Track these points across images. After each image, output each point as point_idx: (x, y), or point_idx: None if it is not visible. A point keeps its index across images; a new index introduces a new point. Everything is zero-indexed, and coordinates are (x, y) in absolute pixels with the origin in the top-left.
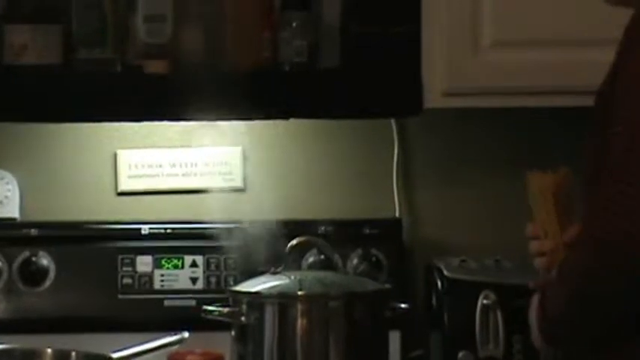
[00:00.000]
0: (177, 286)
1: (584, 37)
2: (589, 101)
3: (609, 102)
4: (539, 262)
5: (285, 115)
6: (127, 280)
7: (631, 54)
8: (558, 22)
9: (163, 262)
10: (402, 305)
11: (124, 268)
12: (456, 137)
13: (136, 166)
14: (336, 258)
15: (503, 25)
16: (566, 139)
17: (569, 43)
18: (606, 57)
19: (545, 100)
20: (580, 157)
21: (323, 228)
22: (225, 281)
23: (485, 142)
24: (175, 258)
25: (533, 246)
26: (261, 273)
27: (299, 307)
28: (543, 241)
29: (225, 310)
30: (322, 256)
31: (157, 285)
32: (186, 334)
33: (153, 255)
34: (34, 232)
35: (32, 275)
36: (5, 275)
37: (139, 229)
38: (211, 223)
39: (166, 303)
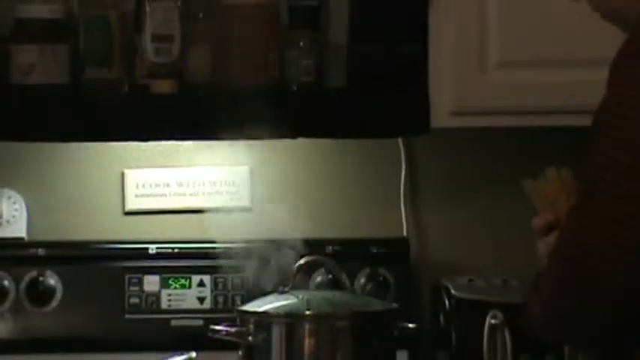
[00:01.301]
0: (184, 305)
1: (589, 57)
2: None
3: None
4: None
5: (292, 134)
6: (135, 300)
7: (613, 86)
8: (565, 42)
9: (170, 281)
10: (410, 325)
11: (131, 288)
12: (463, 157)
13: (143, 186)
14: (344, 277)
15: (510, 45)
16: (572, 157)
17: (575, 63)
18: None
19: (553, 120)
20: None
21: (330, 247)
22: (233, 301)
23: (494, 161)
24: (183, 277)
25: (537, 224)
26: (269, 293)
27: (306, 326)
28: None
29: (233, 329)
30: (330, 276)
31: (164, 305)
32: (193, 354)
33: (160, 274)
34: (41, 251)
35: (39, 295)
36: (12, 295)
37: (147, 248)
38: (218, 242)
39: (174, 322)
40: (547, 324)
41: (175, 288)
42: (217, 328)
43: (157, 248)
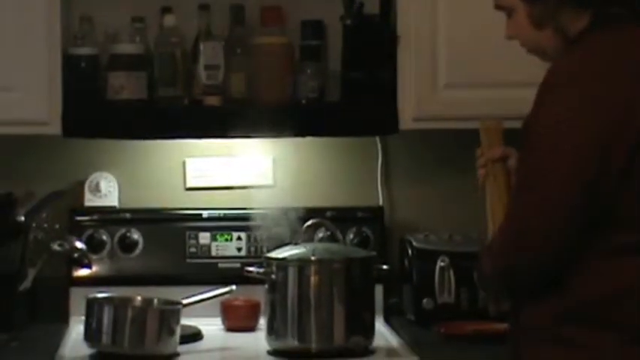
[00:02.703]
0: (227, 253)
1: (515, 79)
2: (518, 124)
3: (527, 132)
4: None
5: (302, 134)
6: (193, 250)
7: (539, 107)
8: (495, 69)
9: (218, 236)
10: (384, 267)
11: (190, 241)
12: (422, 150)
13: (199, 170)
14: (338, 234)
15: (454, 72)
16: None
17: (503, 84)
18: (530, 94)
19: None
20: None
21: (329, 213)
22: (261, 250)
23: (443, 153)
24: (226, 234)
25: (480, 161)
26: (286, 244)
27: (312, 268)
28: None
29: (261, 270)
30: (328, 233)
31: (213, 252)
32: (234, 287)
33: (210, 232)
34: (128, 215)
35: (127, 246)
36: (108, 246)
37: (201, 214)
38: (251, 209)
39: (220, 265)
40: (494, 276)
41: (221, 241)
42: (250, 269)
43: (209, 214)
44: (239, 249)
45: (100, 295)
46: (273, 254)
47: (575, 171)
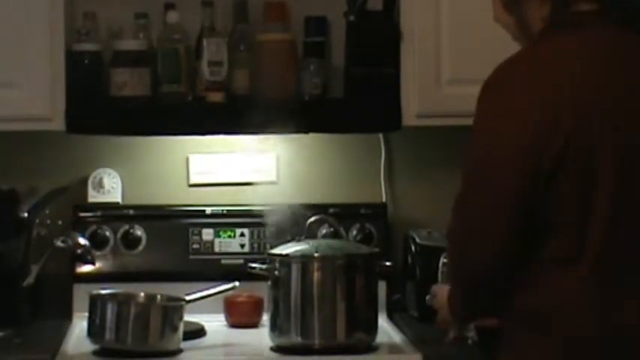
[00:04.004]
0: (230, 249)
1: None
2: None
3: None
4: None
5: (305, 130)
6: (196, 246)
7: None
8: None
9: (221, 232)
10: (387, 263)
11: (193, 237)
12: (425, 146)
13: (202, 166)
14: (341, 230)
15: (458, 68)
16: None
17: None
18: None
19: None
20: None
21: (332, 209)
22: (264, 246)
23: (446, 149)
24: (229, 230)
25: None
26: (289, 241)
27: (315, 264)
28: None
29: (264, 266)
30: (331, 229)
31: (216, 249)
32: (237, 284)
33: (214, 228)
34: (131, 212)
35: (130, 242)
36: (111, 242)
37: (204, 210)
38: (254, 205)
39: (223, 261)
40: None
41: (224, 237)
42: (253, 265)
43: (212, 210)
44: (242, 245)
45: (103, 292)
46: (277, 250)
47: (510, 169)
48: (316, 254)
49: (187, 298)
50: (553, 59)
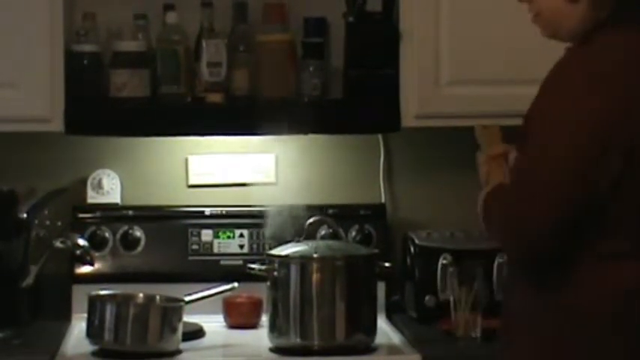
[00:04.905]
0: (229, 250)
1: (517, 77)
2: (518, 121)
3: (529, 126)
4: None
5: (305, 131)
6: (195, 247)
7: (543, 98)
8: (496, 67)
9: (220, 233)
10: (386, 264)
11: (193, 238)
12: (424, 147)
13: (201, 167)
14: (340, 231)
15: (456, 69)
16: None
17: (506, 82)
18: (531, 92)
19: (488, 122)
20: None
21: (331, 210)
22: (263, 247)
23: (445, 150)
24: (228, 231)
25: (481, 159)
26: (288, 241)
27: (314, 265)
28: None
29: (263, 267)
30: (331, 230)
31: (215, 250)
32: (236, 284)
33: (213, 229)
34: (130, 213)
35: (129, 243)
36: (110, 243)
37: (203, 211)
38: (253, 206)
39: (222, 262)
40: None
41: (223, 238)
42: (252, 266)
43: (211, 211)
44: (241, 246)
45: (102, 293)
46: (276, 251)
47: (576, 164)
48: (315, 255)
49: (186, 298)
50: (623, 57)
